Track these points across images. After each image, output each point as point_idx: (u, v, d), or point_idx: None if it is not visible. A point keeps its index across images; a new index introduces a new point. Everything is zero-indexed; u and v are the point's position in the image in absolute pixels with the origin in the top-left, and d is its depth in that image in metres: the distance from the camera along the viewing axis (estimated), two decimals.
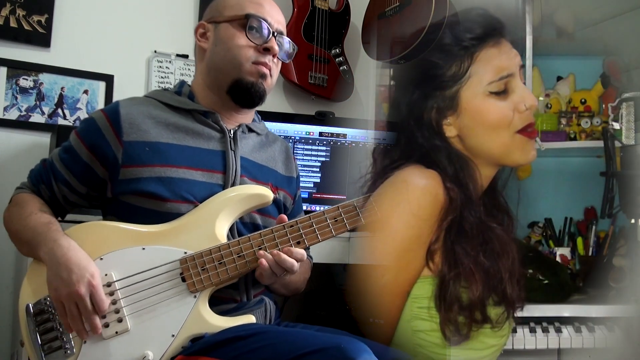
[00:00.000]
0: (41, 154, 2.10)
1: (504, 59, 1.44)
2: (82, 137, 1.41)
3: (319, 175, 2.30)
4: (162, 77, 2.43)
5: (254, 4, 1.47)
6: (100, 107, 2.27)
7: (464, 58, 1.43)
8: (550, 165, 2.36)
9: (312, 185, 2.30)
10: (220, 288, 1.35)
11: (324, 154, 2.31)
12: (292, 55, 1.54)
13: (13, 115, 2.18)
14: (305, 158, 2.28)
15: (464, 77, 1.43)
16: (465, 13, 1.55)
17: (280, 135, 1.69)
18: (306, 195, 2.27)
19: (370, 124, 2.37)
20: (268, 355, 1.17)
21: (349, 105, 2.72)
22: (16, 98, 2.19)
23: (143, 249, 1.33)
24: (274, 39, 1.46)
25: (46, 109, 2.23)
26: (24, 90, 2.20)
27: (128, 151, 1.37)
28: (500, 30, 1.47)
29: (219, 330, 1.29)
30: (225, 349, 1.22)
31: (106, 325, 1.28)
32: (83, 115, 2.27)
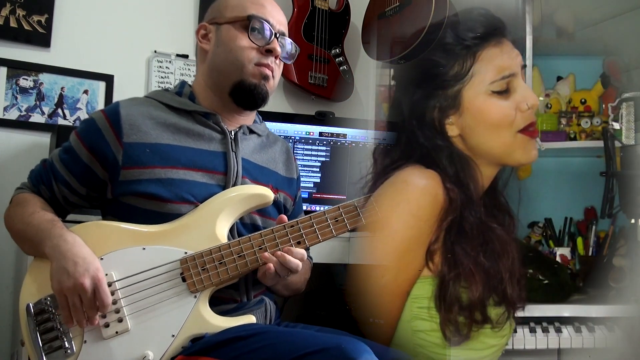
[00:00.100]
0: (41, 154, 2.10)
1: (505, 59, 1.44)
2: (82, 138, 1.41)
3: (319, 175, 2.30)
4: (162, 77, 2.43)
5: (256, 5, 1.46)
6: (100, 107, 2.28)
7: (466, 57, 1.43)
8: (550, 165, 2.36)
9: (312, 185, 2.30)
10: (220, 288, 1.35)
11: (324, 154, 2.30)
12: (295, 56, 1.54)
13: (13, 115, 2.18)
14: (305, 158, 2.28)
15: (467, 77, 1.43)
16: (467, 13, 1.55)
17: (280, 136, 1.69)
18: (306, 195, 2.27)
19: (370, 124, 2.37)
20: (268, 356, 1.17)
21: (349, 105, 2.72)
22: (16, 98, 2.18)
23: (143, 249, 1.33)
24: (276, 40, 1.45)
25: (46, 109, 2.23)
26: (24, 90, 2.20)
27: (128, 152, 1.37)
28: (502, 30, 1.48)
29: (219, 330, 1.29)
30: (226, 349, 1.22)
31: (106, 325, 1.28)
32: (83, 115, 2.27)
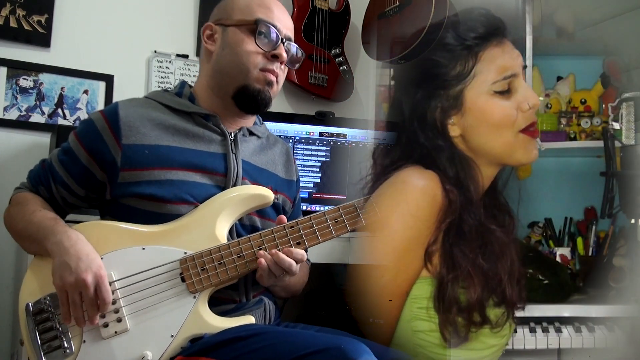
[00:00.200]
0: (41, 154, 2.10)
1: (507, 59, 1.44)
2: (81, 139, 1.40)
3: (319, 175, 2.30)
4: (162, 77, 2.43)
5: (264, 9, 1.45)
6: (100, 107, 2.28)
7: (468, 57, 1.43)
8: (550, 165, 2.36)
9: (312, 185, 2.30)
10: (219, 289, 1.35)
11: (324, 154, 2.30)
12: (300, 61, 1.53)
13: (13, 115, 2.18)
14: (305, 158, 2.28)
15: (469, 77, 1.43)
16: (467, 13, 1.55)
17: (280, 136, 1.69)
18: (306, 195, 2.27)
19: (370, 124, 2.36)
20: (268, 356, 1.17)
21: (349, 105, 2.72)
22: (16, 98, 2.18)
23: (143, 249, 1.33)
24: (282, 46, 1.44)
25: (46, 109, 2.23)
26: (24, 90, 2.20)
27: (127, 154, 1.36)
28: (503, 30, 1.48)
29: (218, 330, 1.29)
30: (225, 349, 1.22)
31: (105, 325, 1.28)
32: (83, 115, 2.27)
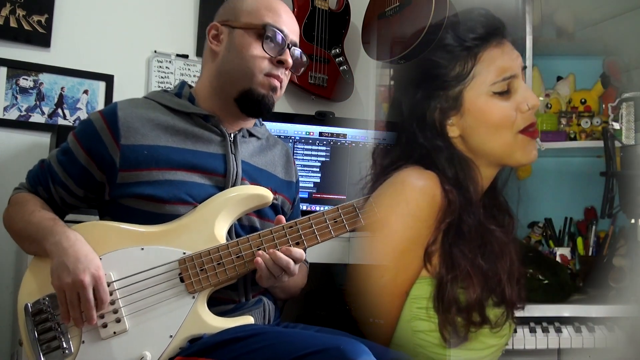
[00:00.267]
0: (41, 154, 2.10)
1: (507, 60, 1.44)
2: (80, 140, 1.40)
3: (319, 175, 2.30)
4: (162, 77, 2.43)
5: (272, 13, 1.44)
6: (100, 107, 2.28)
7: (468, 58, 1.43)
8: (550, 165, 2.36)
9: (312, 185, 2.30)
10: (218, 289, 1.35)
11: (324, 154, 2.30)
12: (304, 66, 1.52)
13: (13, 115, 2.18)
14: (305, 158, 2.28)
15: (468, 78, 1.43)
16: (467, 13, 1.55)
17: (280, 136, 1.69)
18: (306, 195, 2.27)
19: (370, 124, 2.36)
20: (267, 356, 1.17)
21: (349, 105, 2.72)
22: (16, 98, 2.18)
23: (142, 249, 1.33)
24: (288, 52, 1.44)
25: (46, 109, 2.23)
26: (24, 90, 2.20)
27: (126, 155, 1.36)
28: (502, 31, 1.47)
29: (217, 331, 1.29)
30: (224, 350, 1.22)
31: (104, 326, 1.28)
32: (83, 115, 2.27)
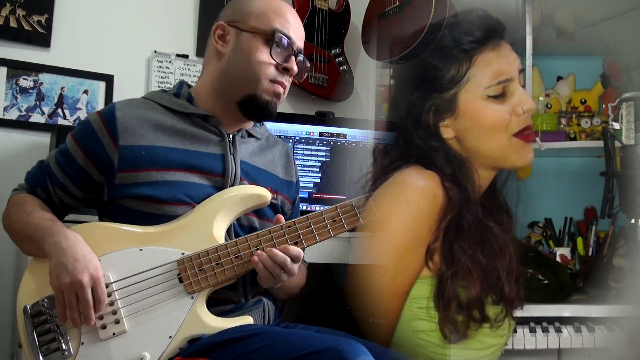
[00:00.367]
0: (41, 154, 2.10)
1: (503, 63, 1.44)
2: (78, 140, 1.40)
3: (319, 175, 2.30)
4: (162, 77, 2.43)
5: (281, 18, 1.44)
6: (100, 107, 2.28)
7: (463, 61, 1.43)
8: (550, 165, 2.36)
9: (312, 185, 2.30)
10: (218, 289, 1.35)
11: (324, 154, 2.30)
12: (307, 71, 1.52)
13: (13, 115, 2.18)
14: (305, 158, 2.28)
15: (462, 80, 1.43)
16: (465, 14, 1.54)
17: (280, 136, 1.69)
18: (306, 195, 2.27)
19: (370, 124, 2.37)
20: (266, 357, 1.17)
21: (349, 105, 2.72)
22: (16, 98, 2.19)
23: (140, 250, 1.33)
24: (294, 59, 1.44)
25: (46, 109, 2.23)
26: (24, 90, 2.20)
27: (124, 155, 1.36)
28: (500, 32, 1.47)
29: (217, 331, 1.29)
30: (223, 350, 1.22)
31: (103, 327, 1.28)
32: (83, 115, 2.27)
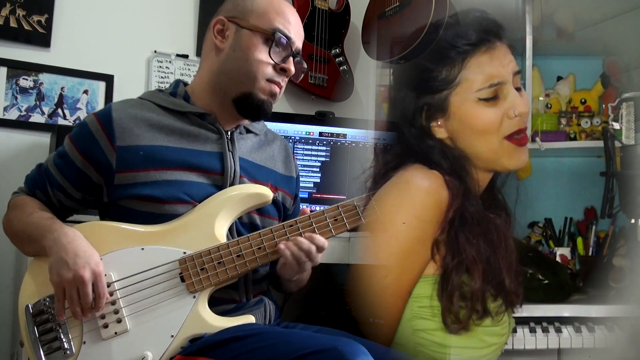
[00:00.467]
0: (41, 154, 2.11)
1: (495, 66, 1.44)
2: (75, 143, 1.40)
3: (319, 175, 2.30)
4: (162, 77, 2.43)
5: (282, 18, 1.44)
6: (100, 107, 2.27)
7: (455, 63, 1.43)
8: (550, 165, 2.36)
9: (312, 185, 2.30)
10: (219, 288, 1.35)
11: (324, 154, 2.30)
12: (304, 72, 1.52)
13: (13, 115, 2.18)
14: (305, 158, 2.28)
15: (454, 82, 1.43)
16: (463, 15, 1.54)
17: (280, 136, 1.68)
18: (306, 195, 2.27)
19: (370, 124, 2.37)
20: (266, 356, 1.17)
21: (349, 105, 2.72)
22: (16, 98, 2.18)
23: (142, 249, 1.33)
24: (292, 61, 1.44)
25: (46, 109, 2.23)
26: (24, 90, 2.20)
27: (122, 156, 1.36)
28: (497, 33, 1.47)
29: (218, 330, 1.29)
30: (223, 349, 1.22)
31: (105, 326, 1.28)
32: (83, 115, 2.27)
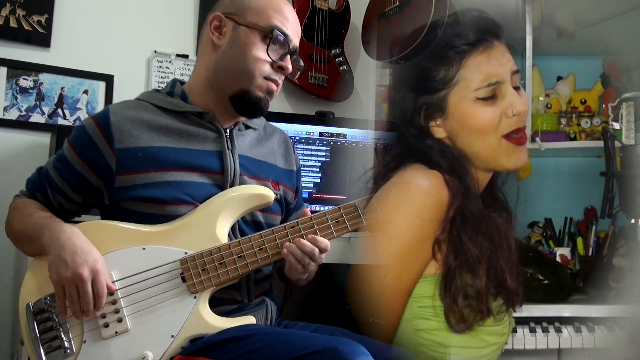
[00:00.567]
0: (41, 154, 2.11)
1: (493, 65, 1.43)
2: (74, 146, 1.40)
3: (319, 175, 2.30)
4: (162, 77, 2.43)
5: (279, 15, 1.43)
6: (100, 107, 2.28)
7: (453, 63, 1.43)
8: (550, 165, 2.36)
9: (312, 185, 2.30)
10: (221, 288, 1.35)
11: (324, 154, 2.30)
12: (301, 69, 1.52)
13: (13, 115, 2.18)
14: (305, 158, 2.28)
15: (452, 82, 1.43)
16: (461, 15, 1.54)
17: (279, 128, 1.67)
18: (306, 195, 2.27)
19: (370, 124, 2.37)
20: (266, 357, 1.17)
21: (349, 105, 2.72)
22: (16, 98, 2.18)
23: (143, 248, 1.33)
24: (289, 58, 1.44)
25: (46, 109, 2.23)
26: (24, 90, 2.20)
27: (121, 159, 1.36)
28: (495, 33, 1.47)
29: (219, 330, 1.29)
30: (223, 349, 1.22)
31: (106, 325, 1.28)
32: (83, 115, 2.27)
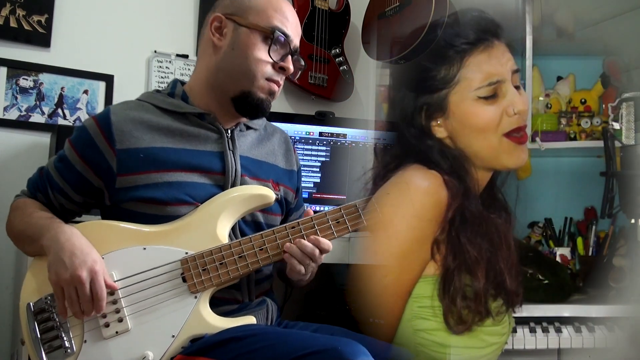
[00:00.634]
0: (41, 154, 2.11)
1: (494, 64, 1.43)
2: (75, 147, 1.40)
3: (319, 175, 2.30)
4: (162, 77, 2.43)
5: (280, 16, 1.43)
6: (100, 107, 2.28)
7: (454, 62, 1.43)
8: (550, 165, 2.36)
9: (312, 185, 2.30)
10: (222, 288, 1.35)
11: (324, 154, 2.30)
12: (302, 69, 1.52)
13: (13, 115, 2.18)
14: (305, 158, 2.28)
15: (453, 81, 1.43)
16: (461, 15, 1.54)
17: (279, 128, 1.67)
18: (306, 195, 2.27)
19: (370, 124, 2.37)
20: (266, 357, 1.17)
21: (349, 105, 2.72)
22: (16, 98, 2.18)
23: (144, 248, 1.33)
24: (290, 59, 1.44)
25: (46, 109, 2.23)
26: (24, 90, 2.20)
27: (122, 159, 1.36)
28: (495, 32, 1.47)
29: (219, 330, 1.29)
30: (223, 349, 1.22)
31: (106, 325, 1.28)
32: (83, 115, 2.27)
